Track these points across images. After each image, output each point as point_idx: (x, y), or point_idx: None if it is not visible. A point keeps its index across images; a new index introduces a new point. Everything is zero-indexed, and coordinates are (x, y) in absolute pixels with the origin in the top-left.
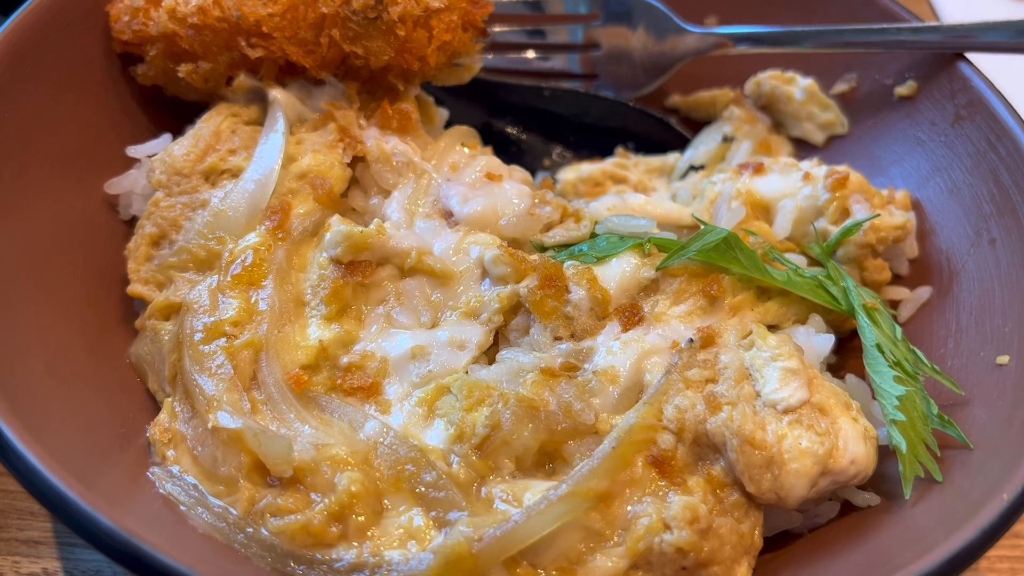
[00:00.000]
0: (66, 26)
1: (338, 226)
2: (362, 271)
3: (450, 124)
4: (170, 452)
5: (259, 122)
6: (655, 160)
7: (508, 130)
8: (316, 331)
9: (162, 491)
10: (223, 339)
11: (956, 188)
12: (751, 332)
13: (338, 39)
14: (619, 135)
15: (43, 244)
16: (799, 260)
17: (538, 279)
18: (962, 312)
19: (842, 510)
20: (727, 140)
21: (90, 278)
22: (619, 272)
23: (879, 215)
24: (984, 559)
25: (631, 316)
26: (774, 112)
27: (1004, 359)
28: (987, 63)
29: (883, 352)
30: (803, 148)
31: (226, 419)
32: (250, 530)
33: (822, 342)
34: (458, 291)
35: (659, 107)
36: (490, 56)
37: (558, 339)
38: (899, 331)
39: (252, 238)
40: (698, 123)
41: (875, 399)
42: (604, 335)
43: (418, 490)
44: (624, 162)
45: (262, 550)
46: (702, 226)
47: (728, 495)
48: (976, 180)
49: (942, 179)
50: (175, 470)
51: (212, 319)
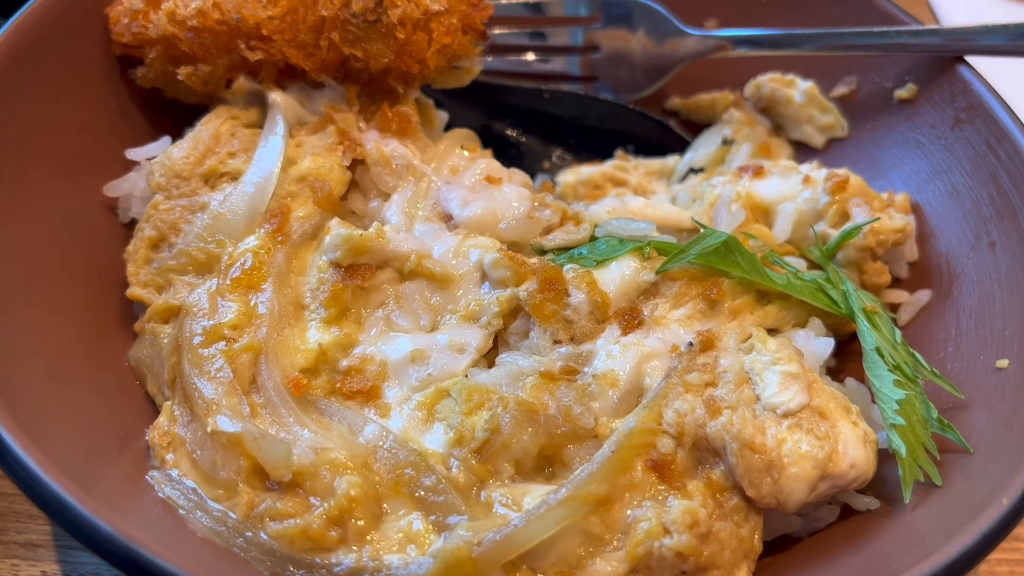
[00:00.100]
0: (65, 28)
1: (338, 229)
2: (361, 274)
3: (450, 127)
4: (169, 456)
5: (259, 125)
6: (655, 163)
7: (508, 133)
8: (315, 334)
9: (161, 495)
10: (222, 342)
11: (956, 191)
12: (751, 336)
13: (338, 42)
14: (619, 137)
15: (42, 246)
16: (799, 263)
17: (538, 282)
18: (962, 316)
19: (842, 514)
20: (727, 143)
21: (89, 281)
22: (619, 275)
23: (879, 218)
24: (984, 562)
25: (631, 320)
26: (774, 115)
27: (1004, 363)
28: (987, 66)
29: (883, 356)
30: (803, 151)
31: (225, 423)
32: (249, 534)
33: (822, 346)
34: (457, 294)
35: (659, 110)
36: (490, 58)
37: (558, 343)
38: (899, 335)
39: (251, 241)
40: (698, 126)
41: (875, 403)
42: (604, 339)
43: (417, 494)
44: (624, 165)
45: (261, 554)
46: (702, 229)
47: (728, 499)
48: (976, 183)
49: (942, 182)
50: (174, 474)
51: (211, 322)
